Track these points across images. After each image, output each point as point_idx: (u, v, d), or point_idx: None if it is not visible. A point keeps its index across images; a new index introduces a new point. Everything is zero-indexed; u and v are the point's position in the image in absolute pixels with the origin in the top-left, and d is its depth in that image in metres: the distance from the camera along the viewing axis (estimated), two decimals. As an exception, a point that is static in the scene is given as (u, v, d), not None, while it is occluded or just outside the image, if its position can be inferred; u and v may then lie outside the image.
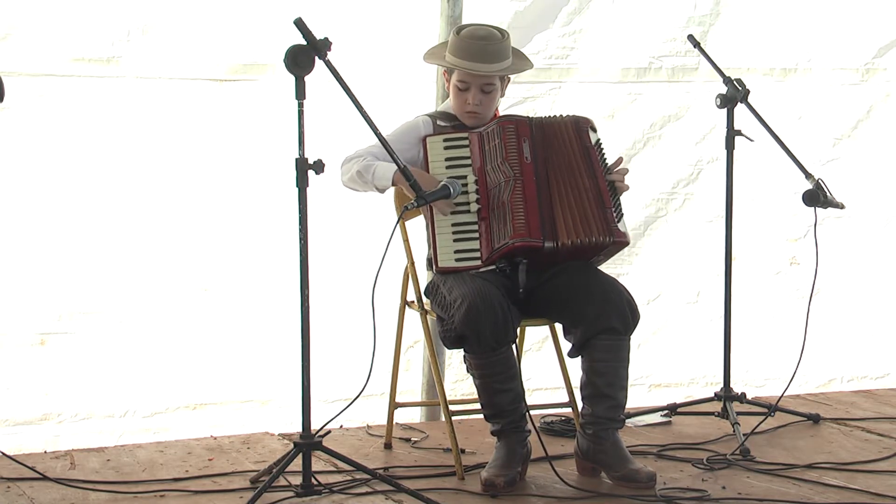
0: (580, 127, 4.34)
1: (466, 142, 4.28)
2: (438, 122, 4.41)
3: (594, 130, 4.38)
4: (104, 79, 4.74)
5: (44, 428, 4.77)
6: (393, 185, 4.24)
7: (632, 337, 4.24)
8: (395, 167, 4.08)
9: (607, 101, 5.42)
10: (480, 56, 4.30)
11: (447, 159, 4.27)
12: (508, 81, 4.44)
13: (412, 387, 5.19)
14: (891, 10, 5.72)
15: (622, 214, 4.31)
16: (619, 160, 4.38)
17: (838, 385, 5.76)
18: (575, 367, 4.38)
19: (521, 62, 4.45)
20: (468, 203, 4.23)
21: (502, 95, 4.44)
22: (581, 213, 4.23)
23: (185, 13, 4.81)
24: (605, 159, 4.35)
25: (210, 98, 4.88)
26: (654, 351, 5.47)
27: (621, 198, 4.33)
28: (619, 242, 4.27)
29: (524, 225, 4.17)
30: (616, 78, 5.45)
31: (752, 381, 5.57)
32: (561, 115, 4.37)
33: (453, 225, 4.22)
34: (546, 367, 5.01)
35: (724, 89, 4.78)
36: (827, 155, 5.54)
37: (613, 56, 5.43)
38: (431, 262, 4.32)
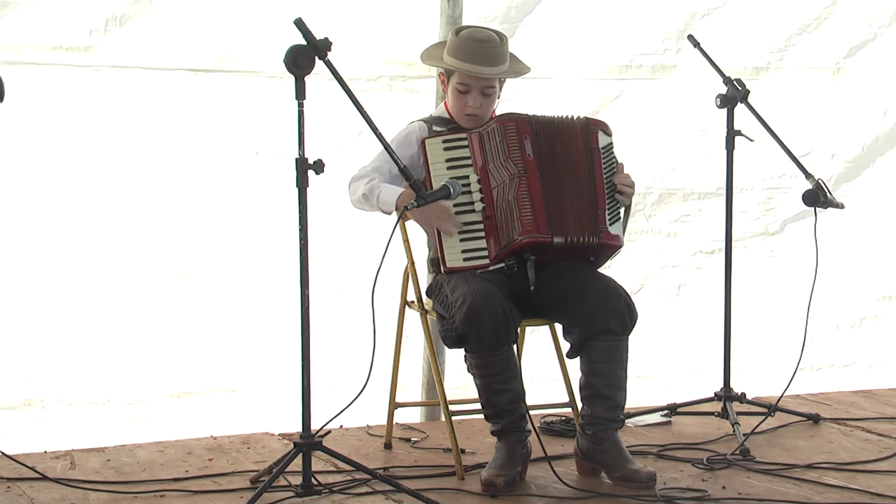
0: (589, 128, 4.34)
1: (465, 142, 4.28)
2: (434, 128, 4.41)
3: (607, 134, 4.37)
4: (81, 68, 4.74)
5: (27, 413, 4.78)
6: (396, 209, 4.22)
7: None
8: (399, 191, 4.18)
9: (591, 98, 5.44)
10: (482, 59, 4.30)
11: (447, 160, 4.26)
12: (503, 83, 4.45)
13: (412, 387, 5.20)
14: (862, 10, 5.72)
15: (618, 219, 4.31)
16: (621, 166, 4.37)
17: (808, 374, 5.76)
18: (575, 367, 4.38)
19: (519, 65, 4.45)
20: (472, 203, 4.23)
21: (498, 97, 4.44)
22: (576, 211, 4.24)
23: (163, 3, 4.81)
24: (614, 163, 4.36)
25: (186, 88, 4.88)
26: (637, 344, 5.51)
27: (630, 203, 4.35)
28: (606, 245, 4.27)
29: (532, 221, 4.17)
30: (600, 75, 5.47)
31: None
32: (573, 116, 4.36)
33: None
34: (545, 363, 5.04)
35: (701, 87, 4.78)
36: (800, 152, 5.55)
37: (597, 54, 5.45)
38: (434, 264, 4.32)
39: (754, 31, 5.61)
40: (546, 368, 4.94)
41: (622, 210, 4.35)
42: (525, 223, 4.17)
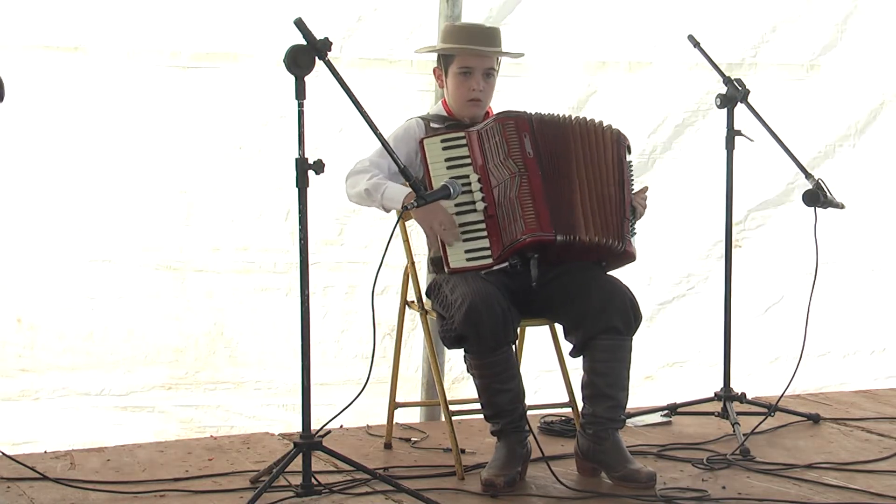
0: (621, 141, 4.37)
1: (464, 141, 4.27)
2: (432, 125, 4.41)
3: (629, 151, 4.41)
4: (70, 66, 4.74)
5: (21, 404, 4.79)
6: (403, 207, 4.22)
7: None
8: (405, 190, 4.16)
9: (567, 94, 5.44)
10: (483, 39, 4.37)
11: (447, 160, 4.26)
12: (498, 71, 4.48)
13: (412, 387, 5.20)
14: (834, 9, 5.73)
15: (635, 233, 4.35)
16: (645, 189, 4.43)
17: (785, 362, 5.75)
18: (575, 367, 4.38)
19: (513, 51, 4.52)
20: (473, 202, 4.22)
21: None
22: (602, 215, 4.25)
23: (150, 2, 4.82)
24: (633, 180, 4.39)
25: (174, 85, 4.88)
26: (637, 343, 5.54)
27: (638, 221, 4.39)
28: (628, 252, 4.30)
29: (535, 219, 4.17)
30: (576, 70, 5.47)
31: (699, 359, 5.62)
32: (598, 121, 4.37)
33: (461, 225, 4.22)
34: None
35: (683, 83, 4.78)
36: (773, 148, 5.55)
37: (573, 49, 5.45)
38: (435, 263, 4.32)
39: (728, 28, 5.62)
40: (545, 361, 4.95)
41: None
42: (528, 222, 4.17)
